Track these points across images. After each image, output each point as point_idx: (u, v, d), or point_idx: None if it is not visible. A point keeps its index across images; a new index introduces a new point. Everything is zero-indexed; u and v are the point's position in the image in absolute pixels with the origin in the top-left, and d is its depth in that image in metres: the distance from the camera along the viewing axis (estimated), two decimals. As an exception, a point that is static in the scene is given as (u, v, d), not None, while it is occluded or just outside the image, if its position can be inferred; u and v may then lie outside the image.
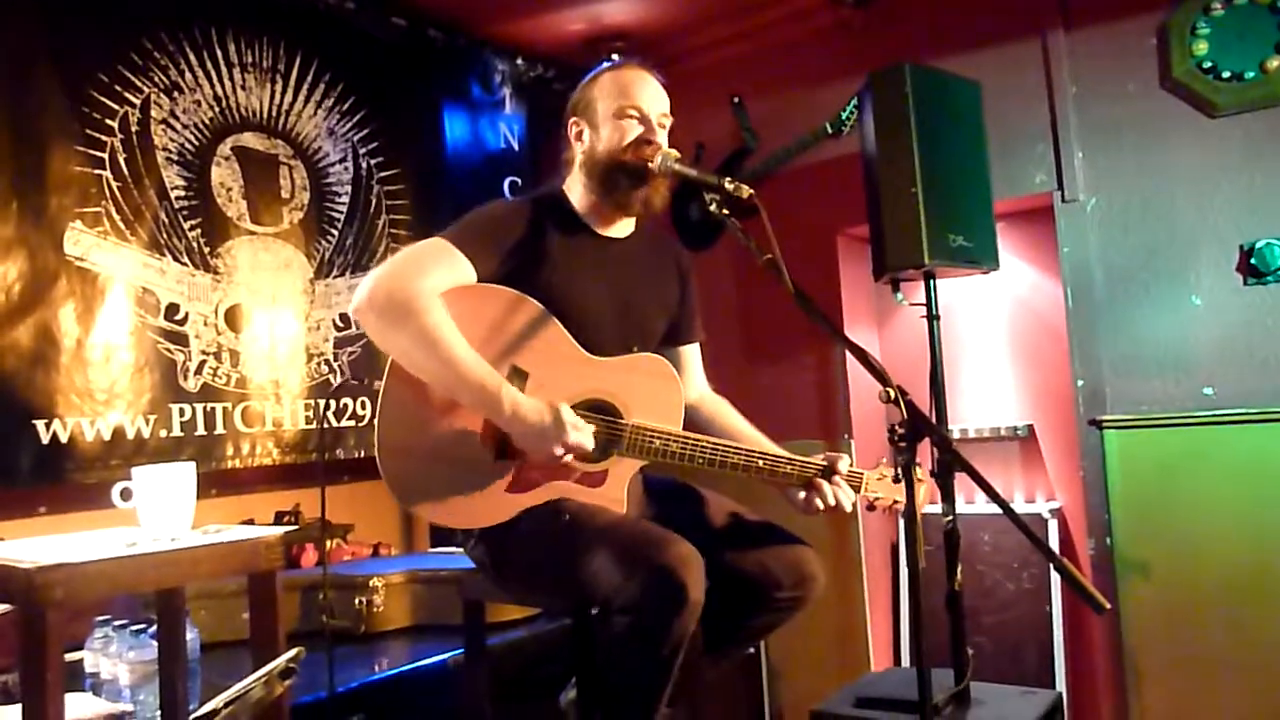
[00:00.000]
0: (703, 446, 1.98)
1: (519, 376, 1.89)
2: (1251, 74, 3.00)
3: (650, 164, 1.99)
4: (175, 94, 3.09)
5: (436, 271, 1.85)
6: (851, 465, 2.06)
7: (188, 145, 3.11)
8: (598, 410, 1.95)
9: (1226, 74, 3.03)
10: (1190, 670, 3.05)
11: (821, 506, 2.03)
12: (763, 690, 3.62)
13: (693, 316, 2.28)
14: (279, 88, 3.37)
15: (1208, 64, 3.06)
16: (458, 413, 1.87)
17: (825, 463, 2.03)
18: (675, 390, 2.04)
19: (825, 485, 2.01)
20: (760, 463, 2.01)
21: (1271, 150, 2.99)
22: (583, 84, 2.11)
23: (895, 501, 2.11)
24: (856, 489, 2.08)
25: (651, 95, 2.06)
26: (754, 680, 3.60)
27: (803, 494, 2.04)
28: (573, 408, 1.90)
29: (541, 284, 1.95)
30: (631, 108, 2.03)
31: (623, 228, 2.12)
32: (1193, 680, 3.04)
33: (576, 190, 2.09)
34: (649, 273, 2.17)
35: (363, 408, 3.48)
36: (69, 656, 2.29)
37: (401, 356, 1.83)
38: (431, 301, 1.81)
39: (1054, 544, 3.48)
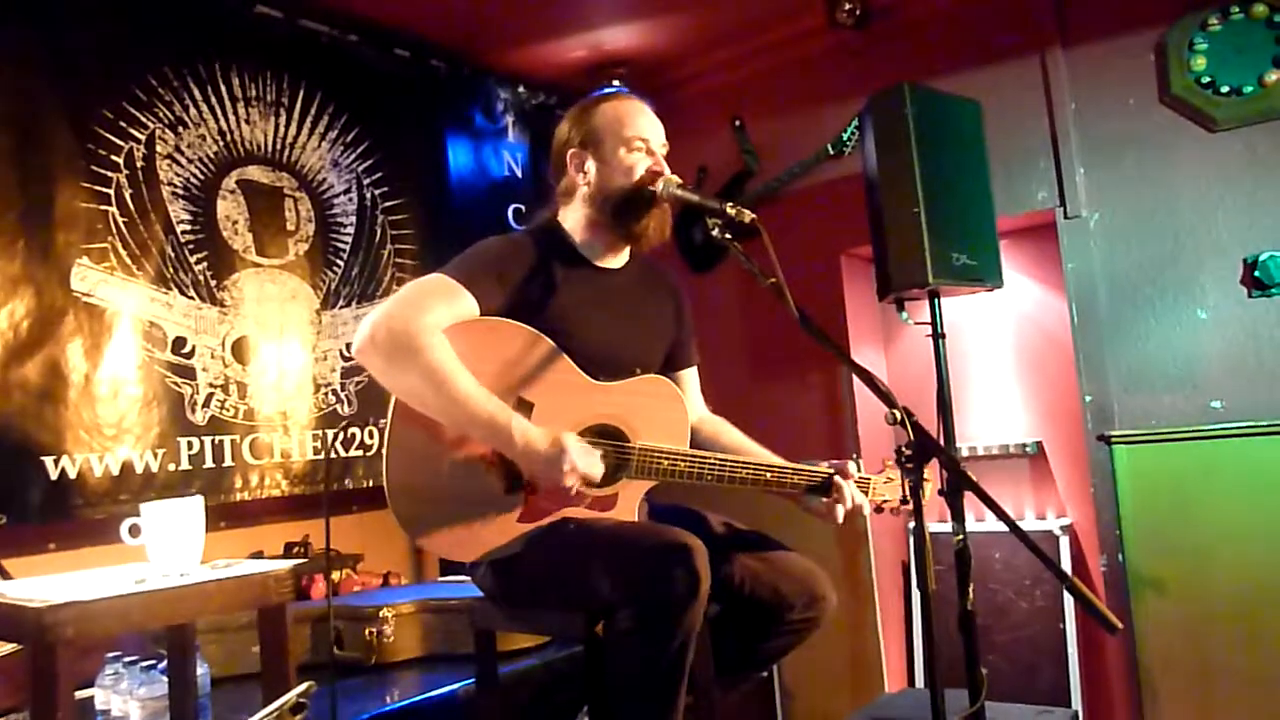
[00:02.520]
0: (710, 463, 1.99)
1: (525, 407, 1.89)
2: (1250, 88, 3.01)
3: (652, 189, 2.00)
4: (180, 129, 3.11)
5: (438, 307, 1.84)
6: (859, 471, 2.08)
7: (193, 179, 3.13)
8: (605, 435, 1.95)
9: (1225, 88, 3.04)
10: (1207, 685, 3.02)
11: (841, 514, 2.04)
12: (776, 713, 3.60)
13: (689, 341, 2.29)
14: (283, 121, 3.39)
15: (1206, 79, 3.07)
16: (465, 447, 1.87)
17: (833, 470, 2.05)
18: (680, 409, 2.05)
19: (845, 485, 2.03)
20: (768, 475, 2.03)
21: (1272, 163, 2.99)
22: (576, 114, 2.11)
23: (902, 502, 2.12)
24: (865, 493, 2.10)
25: (654, 126, 2.09)
26: (768, 703, 3.58)
27: (820, 502, 2.05)
28: (580, 434, 1.91)
29: (544, 316, 1.95)
30: (639, 139, 2.05)
31: (619, 259, 2.14)
32: (1209, 695, 3.02)
33: (575, 221, 2.10)
34: (646, 301, 2.18)
35: (370, 437, 3.48)
36: (79, 694, 2.29)
37: (407, 395, 1.82)
38: (434, 338, 1.80)
39: (1065, 561, 3.47)
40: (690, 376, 2.31)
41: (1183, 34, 3.11)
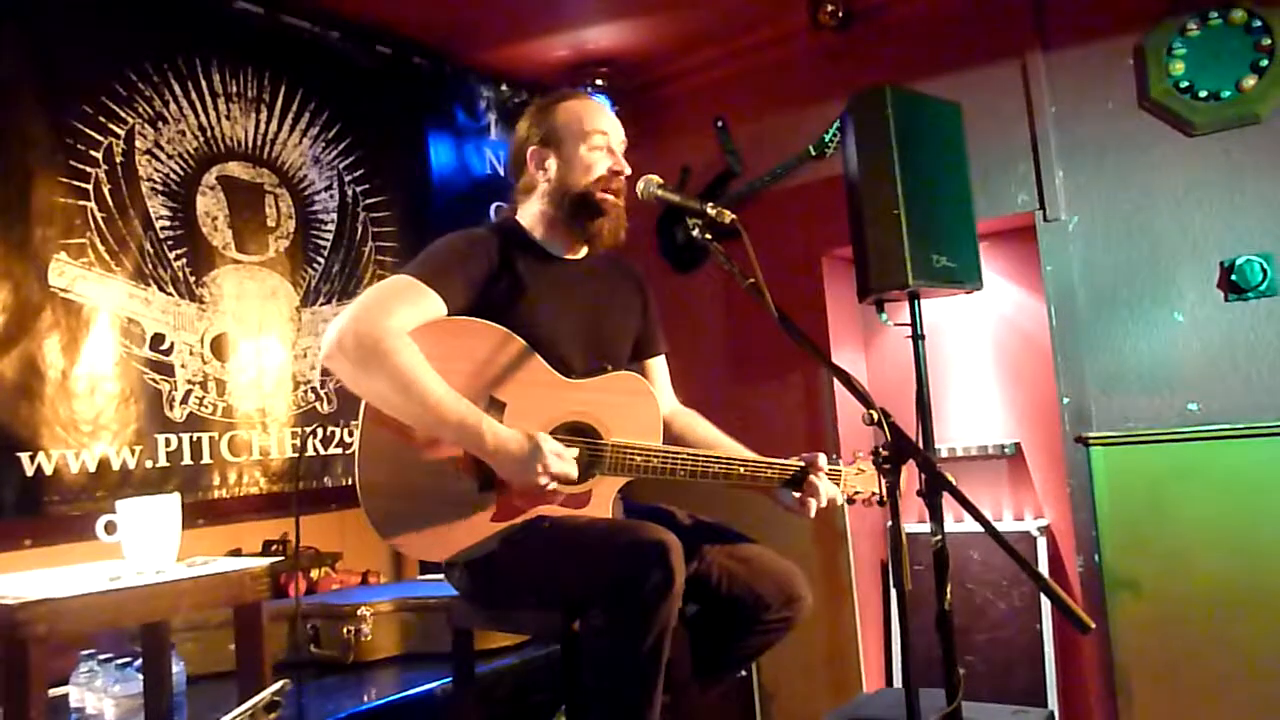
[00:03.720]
0: (683, 459, 2.00)
1: (496, 407, 1.89)
2: (1228, 93, 3.03)
3: (612, 196, 2.03)
4: (160, 124, 3.09)
5: (403, 310, 1.84)
6: (830, 463, 2.09)
7: (173, 175, 3.11)
8: (577, 432, 1.96)
9: (1203, 93, 3.07)
10: (1181, 685, 3.05)
11: (814, 509, 2.05)
12: (755, 712, 3.60)
13: (656, 330, 2.30)
14: (264, 117, 3.37)
15: (1185, 83, 3.09)
16: (436, 448, 1.87)
17: (804, 463, 2.07)
18: (652, 406, 2.06)
19: (817, 481, 2.04)
20: (741, 469, 2.04)
21: (1249, 168, 3.02)
22: (535, 113, 2.11)
23: (873, 493, 2.15)
24: (836, 484, 2.11)
25: (614, 124, 2.11)
26: (746, 703, 3.59)
27: (796, 495, 2.07)
28: (552, 432, 1.92)
29: (511, 312, 1.96)
30: (598, 134, 2.06)
31: (578, 252, 2.14)
32: (1184, 695, 3.04)
33: (533, 218, 2.11)
34: (611, 292, 2.19)
35: (350, 435, 3.47)
36: (53, 692, 2.27)
37: (376, 399, 1.82)
38: (400, 341, 1.79)
39: (1043, 562, 3.49)
40: (659, 366, 2.31)
41: (1162, 38, 3.14)
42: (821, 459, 2.07)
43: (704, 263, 4.11)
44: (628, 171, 2.07)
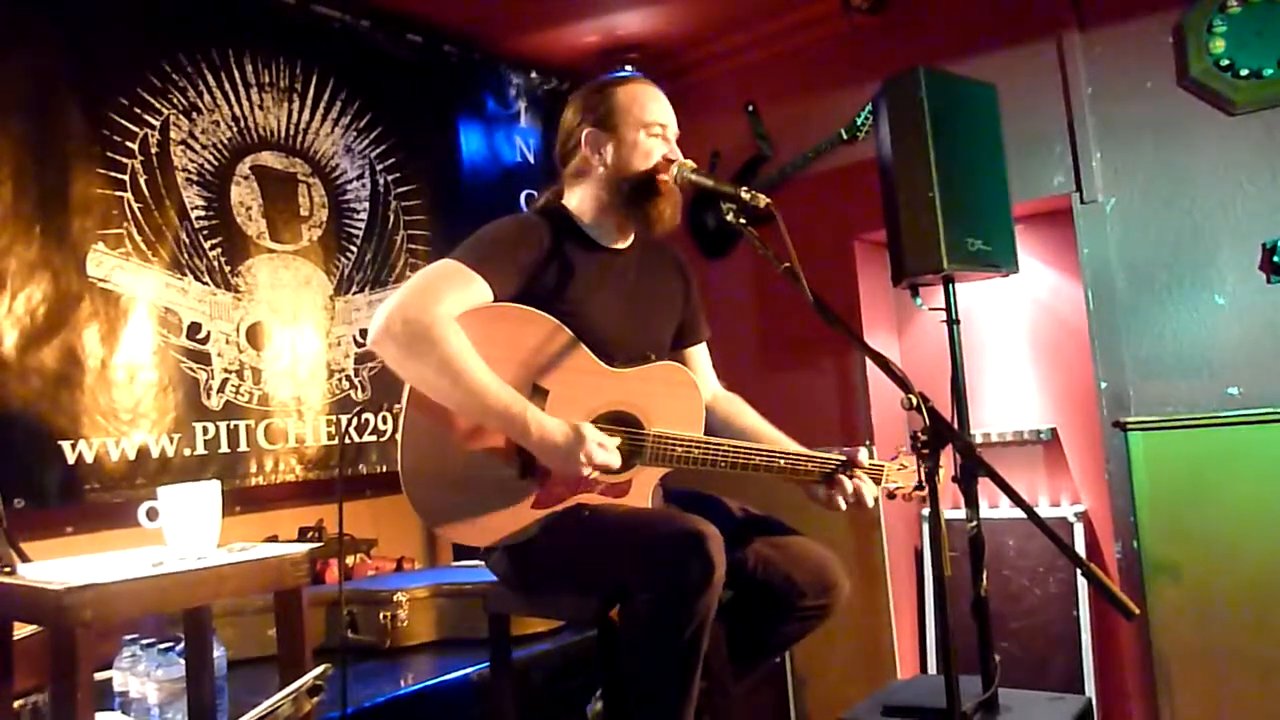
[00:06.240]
0: (724, 450, 1.99)
1: (539, 394, 1.89)
2: (1270, 71, 2.97)
3: (666, 177, 2.00)
4: (194, 115, 3.12)
5: (451, 296, 1.84)
6: (871, 458, 2.07)
7: (207, 165, 3.13)
8: (619, 422, 1.95)
9: (1244, 71, 3.01)
10: (1221, 673, 3.01)
11: (844, 504, 2.04)
12: (789, 699, 3.60)
13: (698, 316, 2.28)
14: (296, 106, 3.39)
15: (1225, 62, 3.04)
16: (480, 434, 1.87)
17: (845, 458, 2.05)
18: (695, 396, 2.05)
19: (847, 481, 2.03)
20: (782, 462, 2.03)
21: (1292, 147, 2.96)
22: (590, 96, 2.09)
23: (913, 488, 2.13)
24: (877, 481, 2.10)
25: (670, 112, 2.09)
26: (780, 689, 3.59)
27: (823, 491, 2.06)
28: (594, 421, 1.91)
29: (557, 300, 1.95)
30: (657, 125, 2.04)
31: (625, 240, 2.13)
32: (1223, 683, 3.01)
33: (583, 203, 2.08)
34: (655, 280, 2.18)
35: (384, 423, 3.49)
36: (97, 676, 2.31)
37: (422, 385, 1.82)
38: (449, 329, 1.80)
39: (1080, 548, 3.45)
40: (701, 352, 2.30)
41: (1201, 16, 3.08)
42: (863, 454, 2.05)
43: (733, 248, 4.09)
44: (681, 160, 2.03)
